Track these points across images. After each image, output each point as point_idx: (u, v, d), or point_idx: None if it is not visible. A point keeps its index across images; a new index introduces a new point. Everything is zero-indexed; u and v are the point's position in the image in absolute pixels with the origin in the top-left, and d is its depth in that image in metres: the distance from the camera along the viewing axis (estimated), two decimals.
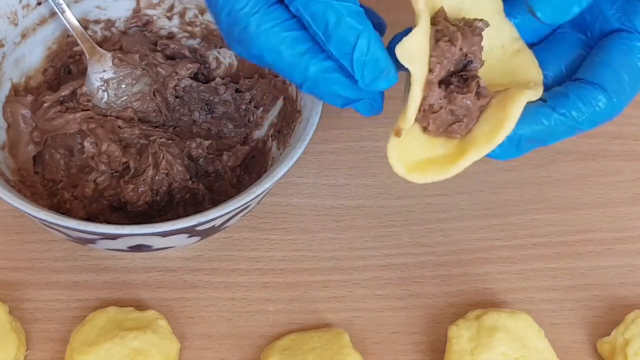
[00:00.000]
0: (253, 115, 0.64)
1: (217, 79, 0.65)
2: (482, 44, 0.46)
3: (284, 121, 0.61)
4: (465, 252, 0.63)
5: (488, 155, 0.46)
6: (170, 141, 0.60)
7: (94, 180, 0.60)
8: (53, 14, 0.63)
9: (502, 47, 0.49)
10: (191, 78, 0.64)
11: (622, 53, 0.48)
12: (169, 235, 0.54)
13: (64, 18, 0.62)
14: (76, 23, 0.62)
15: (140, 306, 0.59)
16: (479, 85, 0.46)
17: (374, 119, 0.50)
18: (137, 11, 0.66)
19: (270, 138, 0.62)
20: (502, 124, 0.45)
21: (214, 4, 0.48)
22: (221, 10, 0.47)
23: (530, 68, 0.49)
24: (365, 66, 0.44)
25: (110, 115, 0.62)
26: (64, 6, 0.62)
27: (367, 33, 0.44)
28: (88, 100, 0.62)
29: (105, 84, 0.62)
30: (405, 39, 0.44)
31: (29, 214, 0.53)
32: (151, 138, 0.60)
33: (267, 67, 0.48)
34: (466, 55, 0.46)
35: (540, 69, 0.49)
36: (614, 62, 0.47)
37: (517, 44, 0.49)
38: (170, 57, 0.65)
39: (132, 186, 0.59)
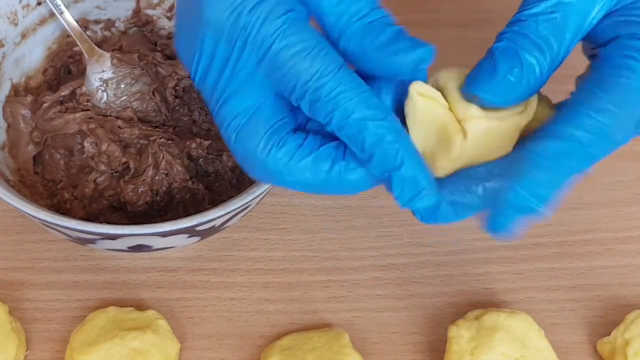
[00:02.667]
0: None
1: None
2: None
3: None
4: (465, 252, 0.63)
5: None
6: (170, 141, 0.60)
7: (94, 180, 0.60)
8: (53, 14, 0.63)
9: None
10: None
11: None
12: (169, 236, 0.54)
13: (62, 19, 0.62)
14: (74, 24, 0.62)
15: (140, 306, 0.59)
16: None
17: None
18: (137, 11, 0.66)
19: None
20: None
21: (227, 141, 0.47)
22: (235, 151, 0.46)
23: None
24: (404, 185, 0.44)
25: (110, 115, 0.62)
26: (62, 7, 0.62)
27: (406, 152, 0.44)
28: (88, 100, 0.62)
29: (105, 84, 0.62)
30: None
31: (29, 214, 0.53)
32: (151, 138, 0.60)
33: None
34: None
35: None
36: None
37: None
38: (170, 57, 0.65)
39: (132, 186, 0.59)
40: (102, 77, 0.62)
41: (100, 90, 0.62)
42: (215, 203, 0.57)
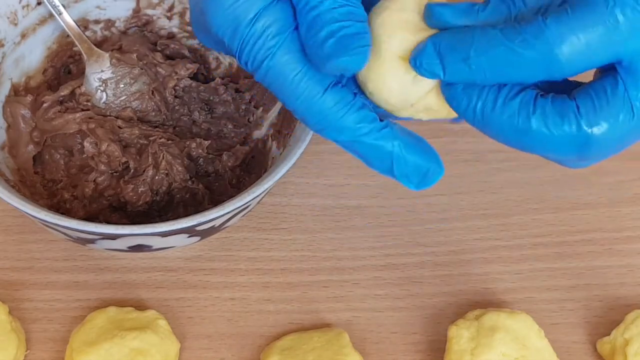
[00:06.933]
0: (253, 116, 0.64)
1: (217, 79, 0.65)
2: None
3: (284, 121, 0.61)
4: (465, 252, 0.63)
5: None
6: (170, 141, 0.60)
7: (94, 180, 0.60)
8: (53, 14, 0.63)
9: None
10: (191, 78, 0.64)
11: None
12: (169, 235, 0.54)
13: (61, 20, 0.62)
14: (73, 24, 0.62)
15: (140, 306, 0.59)
16: None
17: None
18: (137, 11, 0.66)
19: (270, 138, 0.62)
20: None
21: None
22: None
23: None
24: (409, 177, 0.45)
25: (110, 115, 0.62)
26: (61, 8, 0.62)
27: (398, 149, 0.45)
28: (87, 100, 0.62)
29: (104, 84, 0.62)
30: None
31: (29, 214, 0.53)
32: (151, 138, 0.60)
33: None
34: None
35: None
36: None
37: None
38: (170, 57, 0.65)
39: (132, 186, 0.59)
40: (101, 77, 0.62)
41: (99, 90, 0.62)
42: (215, 203, 0.57)
